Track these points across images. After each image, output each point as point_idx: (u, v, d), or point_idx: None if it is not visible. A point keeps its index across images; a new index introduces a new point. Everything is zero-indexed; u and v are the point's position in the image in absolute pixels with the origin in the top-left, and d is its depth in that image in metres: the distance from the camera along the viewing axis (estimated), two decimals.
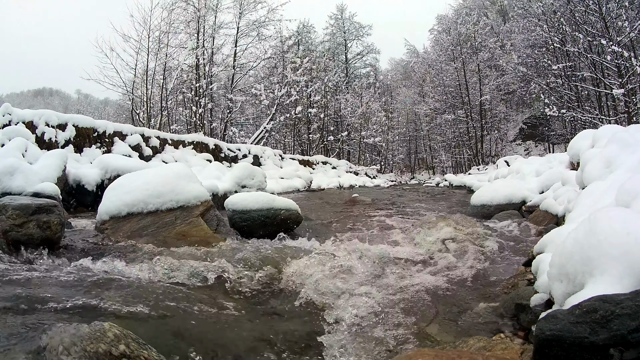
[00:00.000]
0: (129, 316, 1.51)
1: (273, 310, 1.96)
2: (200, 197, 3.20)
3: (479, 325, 1.76)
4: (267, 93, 20.22)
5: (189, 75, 17.89)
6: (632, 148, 2.58)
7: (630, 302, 0.96)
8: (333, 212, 6.26)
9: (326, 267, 2.44)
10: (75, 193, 5.42)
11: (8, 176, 4.04)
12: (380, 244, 3.36)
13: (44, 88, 67.33)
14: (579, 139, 4.26)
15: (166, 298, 1.77)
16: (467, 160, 26.65)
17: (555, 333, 1.00)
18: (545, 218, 3.98)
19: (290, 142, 25.03)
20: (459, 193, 11.10)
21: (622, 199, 1.65)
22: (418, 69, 32.86)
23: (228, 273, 2.29)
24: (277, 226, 3.87)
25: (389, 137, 30.21)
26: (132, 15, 20.00)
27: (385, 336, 1.65)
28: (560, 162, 5.89)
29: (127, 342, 1.06)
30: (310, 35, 30.54)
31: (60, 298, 1.56)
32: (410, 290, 2.19)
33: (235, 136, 19.19)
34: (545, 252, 1.98)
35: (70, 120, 7.39)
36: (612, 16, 13.31)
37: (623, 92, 12.32)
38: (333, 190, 12.64)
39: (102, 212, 3.01)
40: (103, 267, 2.25)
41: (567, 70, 16.49)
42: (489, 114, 26.07)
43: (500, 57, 25.02)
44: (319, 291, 2.08)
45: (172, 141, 10.24)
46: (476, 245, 3.20)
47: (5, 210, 2.33)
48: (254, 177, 7.19)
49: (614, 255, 1.16)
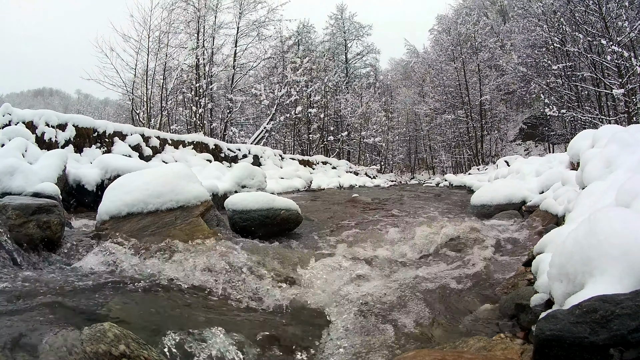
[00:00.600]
0: (129, 316, 1.51)
1: (273, 310, 1.95)
2: (200, 197, 3.19)
3: (479, 325, 1.76)
4: (267, 93, 20.22)
5: (189, 75, 17.89)
6: (632, 148, 2.57)
7: (630, 302, 0.96)
8: (333, 212, 6.25)
9: (325, 267, 2.44)
10: (75, 193, 5.41)
11: (8, 176, 4.04)
12: (379, 244, 3.37)
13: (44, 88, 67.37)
14: (579, 139, 4.26)
15: (166, 298, 1.77)
16: (467, 160, 26.65)
17: (555, 333, 1.00)
18: (545, 218, 3.98)
19: (290, 142, 25.03)
20: (458, 193, 11.10)
21: (622, 199, 1.65)
22: (418, 69, 32.85)
23: (228, 273, 2.29)
24: (277, 226, 3.87)
25: (389, 137, 30.21)
26: (132, 15, 19.99)
27: (385, 336, 1.65)
28: (560, 162, 5.89)
29: (127, 342, 1.06)
30: (310, 35, 30.57)
31: (60, 298, 1.56)
32: (410, 290, 2.19)
33: (235, 136, 19.19)
34: (545, 252, 1.98)
35: (70, 120, 7.38)
36: (612, 16, 13.31)
37: (623, 92, 12.32)
38: (333, 190, 12.64)
39: (102, 212, 3.01)
40: (103, 267, 2.25)
41: (567, 70, 16.49)
42: (489, 114, 26.07)
43: (500, 57, 25.04)
44: (319, 291, 2.08)
45: (172, 141, 10.24)
46: (476, 246, 3.20)
47: (5, 210, 2.33)
48: (254, 177, 7.19)
49: (614, 255, 1.15)
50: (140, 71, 15.99)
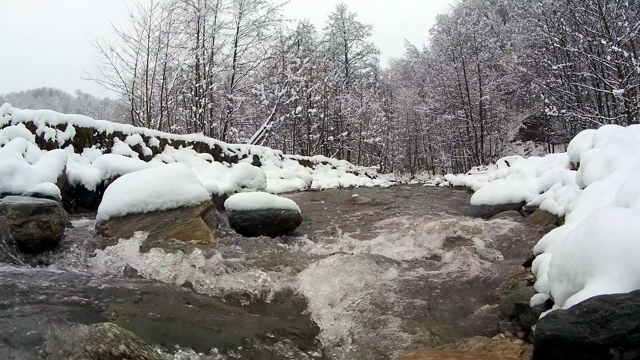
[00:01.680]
0: (129, 316, 1.51)
1: (272, 309, 1.96)
2: (200, 197, 3.20)
3: (479, 325, 1.76)
4: (267, 93, 20.23)
5: (189, 75, 17.91)
6: (632, 148, 2.58)
7: (630, 302, 0.96)
8: (333, 212, 6.26)
9: (325, 266, 2.44)
10: (75, 193, 5.41)
11: (8, 176, 4.04)
12: (379, 244, 3.37)
13: (44, 88, 67.38)
14: (579, 139, 4.26)
15: (166, 298, 1.77)
16: (467, 160, 26.65)
17: (555, 333, 1.00)
18: (545, 218, 3.98)
19: (290, 142, 25.02)
20: (458, 193, 11.10)
21: (622, 199, 1.65)
22: (418, 69, 32.86)
23: (228, 273, 2.29)
24: (277, 226, 3.87)
25: (389, 137, 30.20)
26: (132, 15, 20.00)
27: (385, 336, 1.65)
28: (560, 162, 5.89)
29: (127, 342, 1.06)
30: (310, 35, 30.53)
31: (60, 298, 1.56)
32: (410, 290, 2.19)
33: (235, 136, 19.19)
34: (545, 252, 1.98)
35: (70, 120, 7.38)
36: (612, 16, 13.31)
37: (623, 92, 12.32)
38: (333, 190, 12.64)
39: (102, 212, 3.01)
40: (103, 267, 2.25)
41: (567, 70, 16.50)
42: (489, 114, 26.07)
43: (500, 57, 25.05)
44: (318, 291, 2.08)
45: (172, 141, 10.24)
46: (476, 245, 3.20)
47: (5, 210, 2.33)
48: (254, 177, 7.20)
49: (614, 255, 1.15)
50: (140, 71, 16.01)
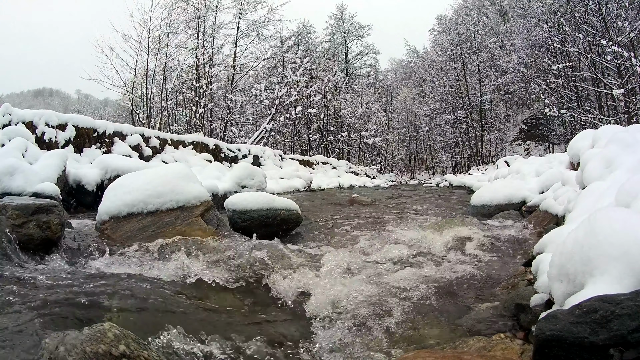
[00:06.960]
0: (129, 316, 1.51)
1: (272, 309, 1.95)
2: (200, 197, 3.19)
3: (479, 326, 1.75)
4: (267, 93, 20.23)
5: (189, 76, 17.90)
6: (632, 148, 2.58)
7: (630, 302, 0.96)
8: (333, 212, 6.25)
9: (325, 266, 2.44)
10: (75, 193, 5.41)
11: (8, 176, 4.04)
12: (379, 244, 3.36)
13: (44, 88, 67.39)
14: (579, 139, 4.25)
15: (166, 299, 1.77)
16: (467, 160, 26.66)
17: (555, 333, 1.00)
18: (545, 218, 3.97)
19: (290, 142, 25.02)
20: (458, 193, 11.10)
21: (622, 199, 1.65)
22: (418, 69, 32.87)
23: (228, 273, 2.29)
24: (277, 226, 3.86)
25: (389, 137, 30.21)
26: (132, 15, 19.96)
27: (385, 337, 1.65)
28: (560, 162, 5.89)
29: (127, 342, 1.06)
30: (310, 35, 30.50)
31: (60, 298, 1.56)
32: (409, 290, 2.19)
33: (235, 136, 19.19)
34: (545, 252, 1.98)
35: (70, 120, 7.38)
36: (612, 16, 13.31)
37: (623, 92, 12.32)
38: (333, 191, 12.65)
39: (102, 212, 3.00)
40: (103, 268, 2.25)
41: (567, 70, 16.49)
42: (489, 114, 26.08)
43: (500, 57, 25.02)
44: (318, 291, 2.08)
45: (172, 141, 10.24)
46: (476, 246, 3.20)
47: (5, 210, 2.33)
48: (254, 177, 7.20)
49: (614, 255, 1.15)
50: (140, 71, 16.00)
